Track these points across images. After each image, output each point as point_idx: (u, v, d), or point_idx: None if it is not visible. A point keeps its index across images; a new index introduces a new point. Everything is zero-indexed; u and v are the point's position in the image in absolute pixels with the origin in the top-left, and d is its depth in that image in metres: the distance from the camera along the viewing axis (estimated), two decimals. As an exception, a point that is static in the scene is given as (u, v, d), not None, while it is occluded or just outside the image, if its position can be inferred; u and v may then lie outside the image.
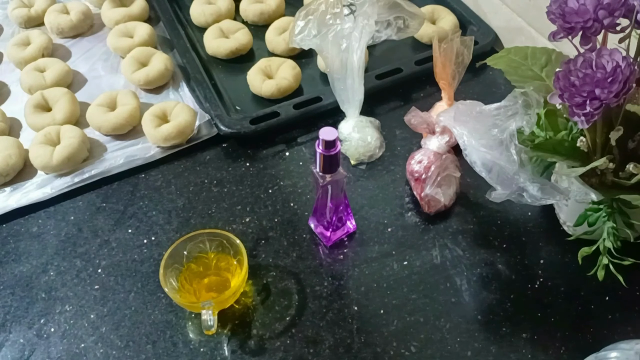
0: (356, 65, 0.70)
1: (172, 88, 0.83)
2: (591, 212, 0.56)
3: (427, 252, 0.64)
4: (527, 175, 0.54)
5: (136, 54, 0.83)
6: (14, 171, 0.71)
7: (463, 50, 0.71)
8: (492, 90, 0.82)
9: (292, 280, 0.62)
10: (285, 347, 0.56)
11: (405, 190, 0.70)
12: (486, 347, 0.56)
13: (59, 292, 0.61)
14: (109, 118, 0.75)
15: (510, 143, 0.55)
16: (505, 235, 0.65)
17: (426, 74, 0.80)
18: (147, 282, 0.62)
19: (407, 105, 0.78)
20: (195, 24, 0.93)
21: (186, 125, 0.74)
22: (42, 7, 0.94)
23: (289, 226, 0.66)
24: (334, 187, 0.59)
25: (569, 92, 0.49)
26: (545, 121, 0.59)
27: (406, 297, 0.60)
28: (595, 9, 0.47)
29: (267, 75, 0.82)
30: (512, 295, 0.60)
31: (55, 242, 0.66)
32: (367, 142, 0.72)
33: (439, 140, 0.67)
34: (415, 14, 0.75)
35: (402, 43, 0.86)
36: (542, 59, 0.64)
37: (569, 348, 0.56)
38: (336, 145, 0.54)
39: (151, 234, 0.66)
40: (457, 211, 0.68)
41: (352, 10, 0.70)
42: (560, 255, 0.63)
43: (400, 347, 0.56)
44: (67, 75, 0.83)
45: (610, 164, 0.54)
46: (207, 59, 0.88)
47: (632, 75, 0.47)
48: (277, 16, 0.92)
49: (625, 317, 0.59)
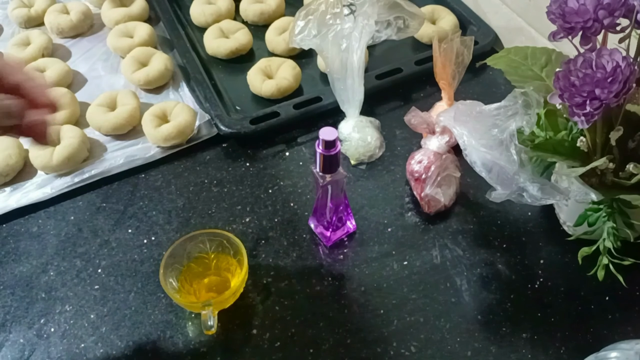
0: (356, 65, 0.70)
1: (172, 88, 0.83)
2: (591, 212, 0.56)
3: (427, 252, 0.64)
4: (527, 175, 0.54)
5: (136, 54, 0.83)
6: (14, 171, 0.71)
7: (463, 50, 0.71)
8: (492, 90, 0.82)
9: (292, 280, 0.62)
10: (285, 347, 0.56)
11: (405, 190, 0.70)
12: (486, 347, 0.56)
13: (59, 292, 0.61)
14: (109, 118, 0.75)
15: (510, 143, 0.55)
16: (505, 235, 0.65)
17: (426, 74, 0.80)
18: (147, 282, 0.62)
19: (407, 105, 0.78)
20: (195, 24, 0.93)
21: (186, 125, 0.74)
22: (42, 7, 0.94)
23: (289, 226, 0.66)
24: (334, 187, 0.59)
25: (569, 92, 0.49)
26: (545, 121, 0.59)
27: (406, 297, 0.60)
28: (595, 9, 0.47)
29: (267, 75, 0.82)
30: (512, 295, 0.60)
31: (55, 242, 0.66)
32: (367, 142, 0.72)
33: (439, 140, 0.67)
34: (415, 14, 0.75)
35: (402, 43, 0.86)
36: (542, 59, 0.64)
37: (569, 348, 0.56)
38: (336, 145, 0.54)
39: (151, 234, 0.66)
40: (457, 211, 0.68)
41: (352, 10, 0.70)
42: (560, 255, 0.63)
43: (400, 347, 0.56)
44: (67, 75, 0.83)
45: (610, 164, 0.54)
46: (207, 59, 0.88)
47: (632, 75, 0.47)
48: (277, 16, 0.92)
49: (625, 317, 0.59)
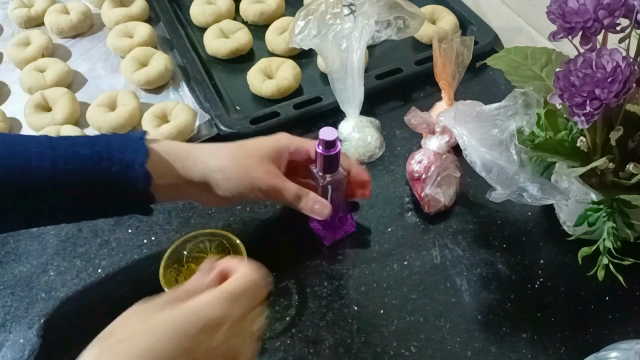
0: (356, 65, 0.70)
1: (172, 88, 0.83)
2: (591, 212, 0.56)
3: (427, 252, 0.64)
4: (527, 175, 0.54)
5: (136, 54, 0.83)
6: (14, 171, 0.71)
7: (463, 50, 0.71)
8: (492, 90, 0.82)
9: (292, 280, 0.61)
10: (285, 347, 0.56)
11: (405, 190, 0.70)
12: (486, 347, 0.56)
13: (59, 292, 0.61)
14: (109, 118, 0.75)
15: (510, 143, 0.55)
16: (505, 235, 0.65)
17: (426, 74, 0.80)
18: (147, 282, 0.61)
19: (407, 105, 0.78)
20: (195, 24, 0.93)
21: (186, 125, 0.74)
22: (42, 7, 0.93)
23: (289, 226, 0.66)
24: (334, 187, 0.59)
25: (569, 92, 0.49)
26: (545, 121, 0.59)
27: (406, 297, 0.60)
28: (595, 9, 0.47)
29: (267, 75, 0.82)
30: (512, 295, 0.60)
31: (55, 242, 0.65)
32: (367, 142, 0.72)
33: (439, 140, 0.67)
34: (415, 14, 0.75)
35: (402, 43, 0.86)
36: (542, 59, 0.64)
37: (569, 348, 0.56)
38: (336, 145, 0.54)
39: (151, 234, 0.66)
40: (457, 211, 0.68)
41: (352, 10, 0.70)
42: (560, 255, 0.63)
43: (400, 347, 0.56)
44: (67, 75, 0.83)
45: (610, 164, 0.54)
46: (207, 59, 0.88)
47: (632, 75, 0.47)
48: (277, 16, 0.92)
49: (625, 317, 0.59)
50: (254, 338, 0.44)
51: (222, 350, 0.40)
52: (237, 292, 0.41)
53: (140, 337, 0.37)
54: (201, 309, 0.39)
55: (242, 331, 0.42)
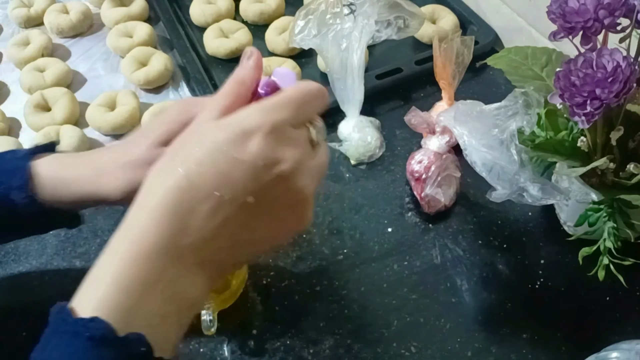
0: (356, 65, 0.70)
1: (172, 88, 0.83)
2: (591, 212, 0.56)
3: (427, 252, 0.64)
4: (527, 175, 0.54)
5: (136, 54, 0.83)
6: (14, 171, 0.71)
7: (463, 50, 0.71)
8: (492, 90, 0.82)
9: (292, 280, 0.61)
10: (285, 347, 0.56)
11: (405, 190, 0.70)
12: (486, 347, 0.56)
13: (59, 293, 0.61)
14: (109, 118, 0.75)
15: (510, 143, 0.54)
16: (505, 235, 0.65)
17: (426, 74, 0.79)
18: (147, 282, 0.61)
19: (407, 105, 0.78)
20: (195, 23, 0.93)
21: (186, 125, 0.73)
22: (41, 7, 0.93)
23: (289, 226, 0.66)
24: None
25: (570, 92, 0.49)
26: (546, 121, 0.59)
27: (406, 297, 0.60)
28: (595, 8, 0.47)
29: (268, 75, 0.81)
30: (512, 295, 0.60)
31: (55, 242, 0.65)
32: (367, 142, 0.72)
33: (439, 140, 0.67)
34: (416, 14, 0.75)
35: (402, 43, 0.86)
36: (542, 59, 0.64)
37: (569, 348, 0.56)
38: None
39: (151, 234, 0.66)
40: (457, 211, 0.68)
41: (352, 10, 0.70)
42: (560, 255, 0.63)
43: (400, 347, 0.56)
44: (67, 75, 0.83)
45: (610, 164, 0.54)
46: (207, 59, 0.88)
47: (632, 75, 0.47)
48: (277, 16, 0.92)
49: (625, 317, 0.59)
50: (314, 148, 0.43)
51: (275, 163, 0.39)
52: (278, 101, 0.41)
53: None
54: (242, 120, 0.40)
55: (291, 137, 0.41)
